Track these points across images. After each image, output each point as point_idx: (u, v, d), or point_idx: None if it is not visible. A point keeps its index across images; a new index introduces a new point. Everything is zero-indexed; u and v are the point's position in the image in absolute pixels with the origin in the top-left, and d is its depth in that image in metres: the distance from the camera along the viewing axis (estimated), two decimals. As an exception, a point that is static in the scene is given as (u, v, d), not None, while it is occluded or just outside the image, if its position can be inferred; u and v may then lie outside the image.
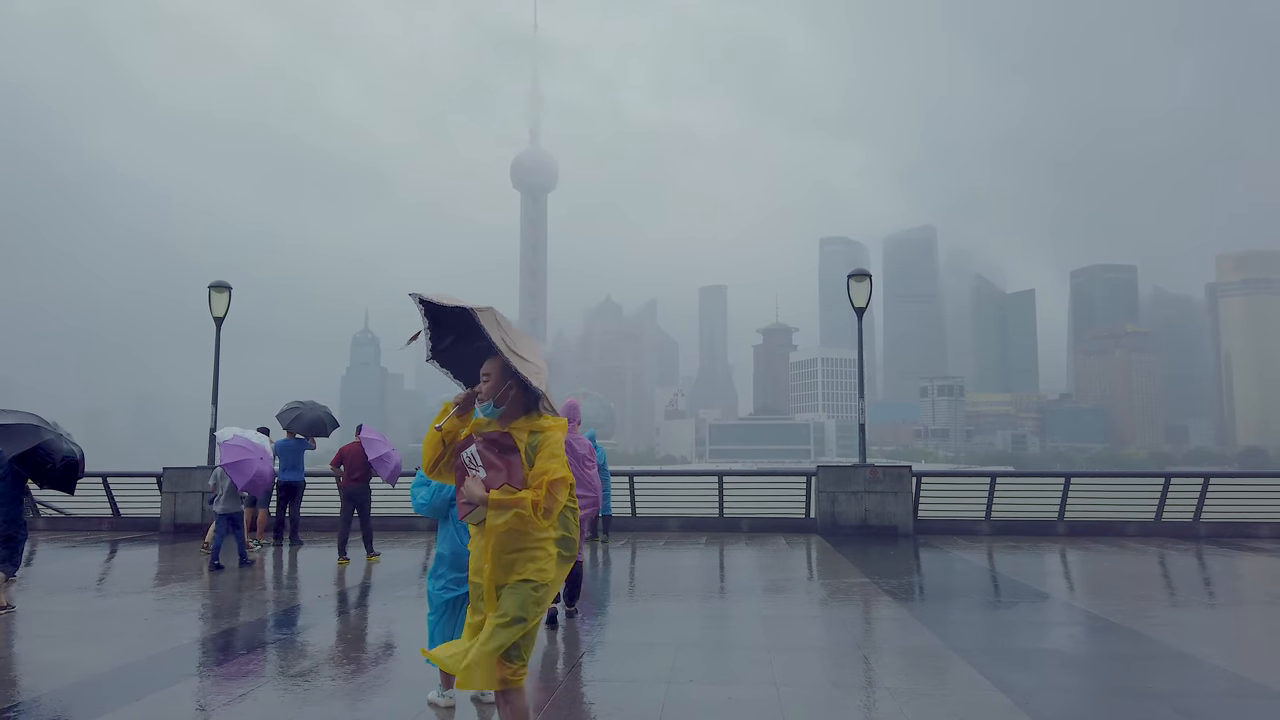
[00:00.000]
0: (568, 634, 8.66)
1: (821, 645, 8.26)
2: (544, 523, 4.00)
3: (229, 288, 20.44)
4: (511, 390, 4.15)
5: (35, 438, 9.45)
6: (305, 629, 9.15)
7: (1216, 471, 21.46)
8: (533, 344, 4.28)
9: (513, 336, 4.14)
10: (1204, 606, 10.51)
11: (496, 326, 4.08)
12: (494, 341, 4.03)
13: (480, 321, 4.06)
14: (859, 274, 18.76)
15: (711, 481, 19.61)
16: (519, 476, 3.97)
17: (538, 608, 4.09)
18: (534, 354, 4.19)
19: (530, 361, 4.10)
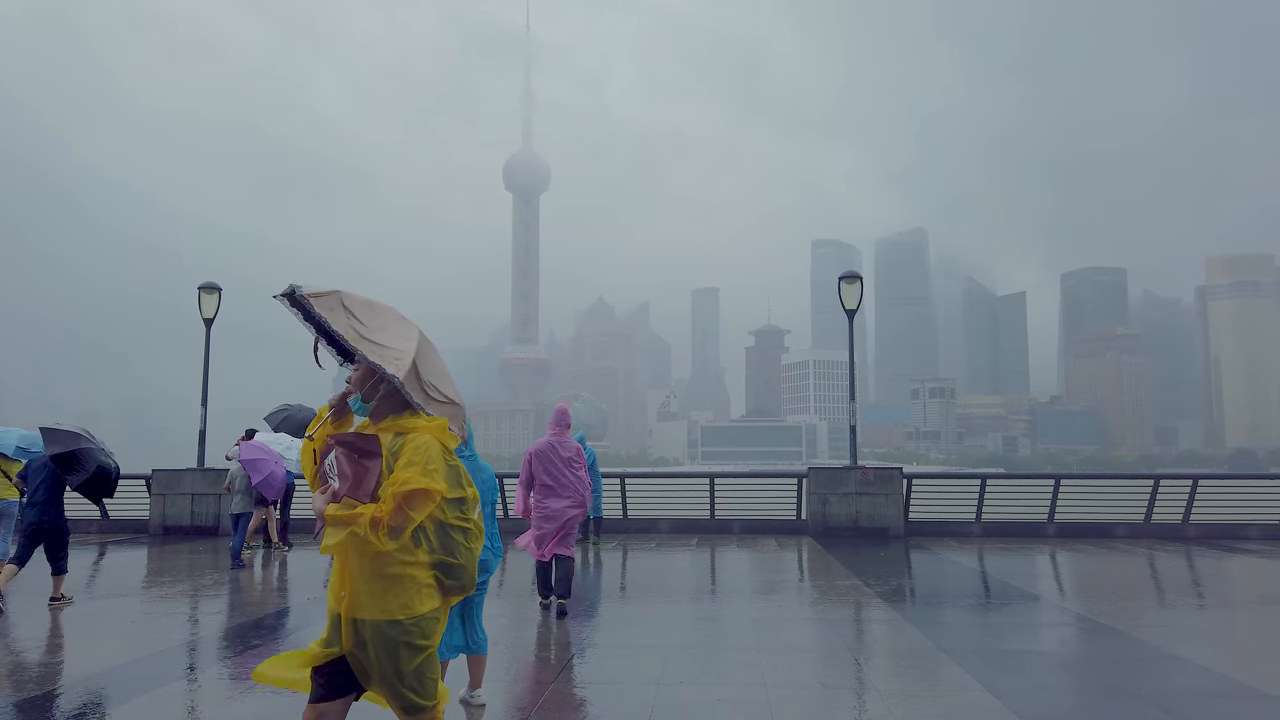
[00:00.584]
0: (557, 636, 8.64)
1: (812, 647, 8.26)
2: (387, 543, 3.25)
3: (218, 289, 20.36)
4: (381, 384, 3.51)
5: (74, 443, 10.12)
6: (295, 631, 9.11)
7: (1205, 473, 21.57)
8: (401, 326, 3.62)
9: (372, 319, 3.53)
10: (1193, 608, 10.55)
11: (342, 312, 3.48)
12: (336, 329, 3.43)
13: (318, 311, 3.46)
14: (850, 276, 18.79)
15: (703, 483, 19.62)
16: (369, 487, 3.33)
17: (414, 649, 3.41)
18: (397, 337, 3.53)
19: (386, 346, 3.45)
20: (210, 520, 19.20)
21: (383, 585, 3.37)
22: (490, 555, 5.95)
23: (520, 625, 9.11)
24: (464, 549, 3.49)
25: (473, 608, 5.95)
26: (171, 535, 18.99)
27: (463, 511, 3.49)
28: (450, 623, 5.83)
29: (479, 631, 5.96)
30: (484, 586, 6.01)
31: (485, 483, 6.04)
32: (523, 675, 7.08)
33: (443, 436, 3.45)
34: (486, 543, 5.93)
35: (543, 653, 7.95)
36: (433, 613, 3.49)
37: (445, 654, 5.80)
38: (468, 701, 6.00)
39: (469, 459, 6.01)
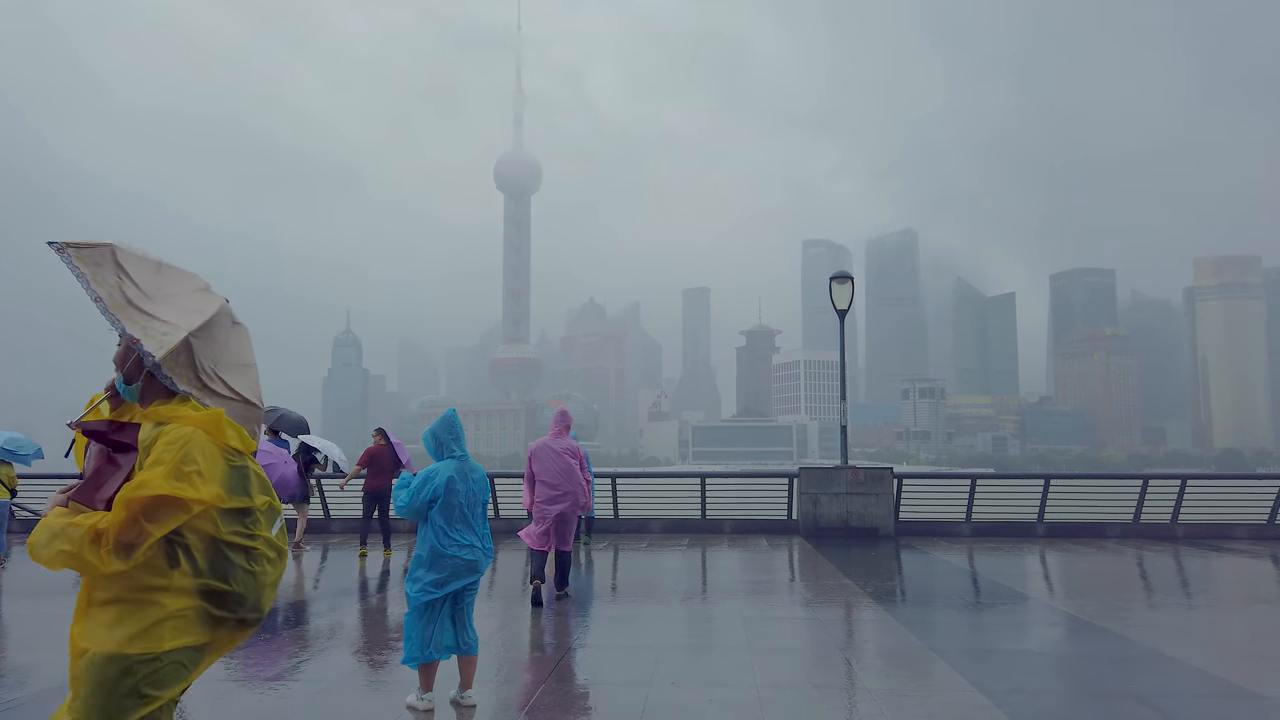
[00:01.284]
0: (549, 636, 8.63)
1: (803, 647, 8.27)
2: (111, 563, 2.53)
3: (208, 288, 20.22)
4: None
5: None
6: (281, 631, 9.06)
7: (1194, 473, 21.67)
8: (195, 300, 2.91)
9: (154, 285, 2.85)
10: (1182, 607, 10.60)
11: (112, 269, 2.77)
12: (98, 291, 2.71)
13: (79, 266, 2.73)
14: (841, 276, 18.83)
15: (694, 483, 19.62)
16: (111, 489, 2.67)
17: (132, 699, 2.58)
18: (179, 310, 2.82)
19: (154, 318, 2.75)
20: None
21: (115, 612, 2.62)
22: (480, 555, 5.92)
23: (512, 625, 9.09)
24: (243, 574, 2.69)
25: (464, 608, 5.93)
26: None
27: (245, 526, 2.71)
28: (440, 623, 5.81)
29: (470, 632, 5.95)
30: (474, 587, 5.99)
31: (476, 483, 6.02)
32: (514, 675, 7.06)
33: (216, 430, 2.68)
34: (477, 542, 5.91)
35: (534, 653, 7.94)
36: (182, 651, 2.65)
37: (435, 655, 5.79)
38: (458, 702, 5.98)
39: (460, 459, 5.99)
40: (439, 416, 6.14)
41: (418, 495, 5.79)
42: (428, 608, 5.75)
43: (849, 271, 19.20)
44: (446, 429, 6.03)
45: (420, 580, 5.77)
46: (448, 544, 5.78)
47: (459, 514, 5.86)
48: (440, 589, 5.74)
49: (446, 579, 5.75)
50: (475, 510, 5.96)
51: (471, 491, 5.94)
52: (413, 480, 5.90)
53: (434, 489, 5.80)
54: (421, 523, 5.90)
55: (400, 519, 17.67)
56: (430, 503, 5.80)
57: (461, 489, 5.88)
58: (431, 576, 5.75)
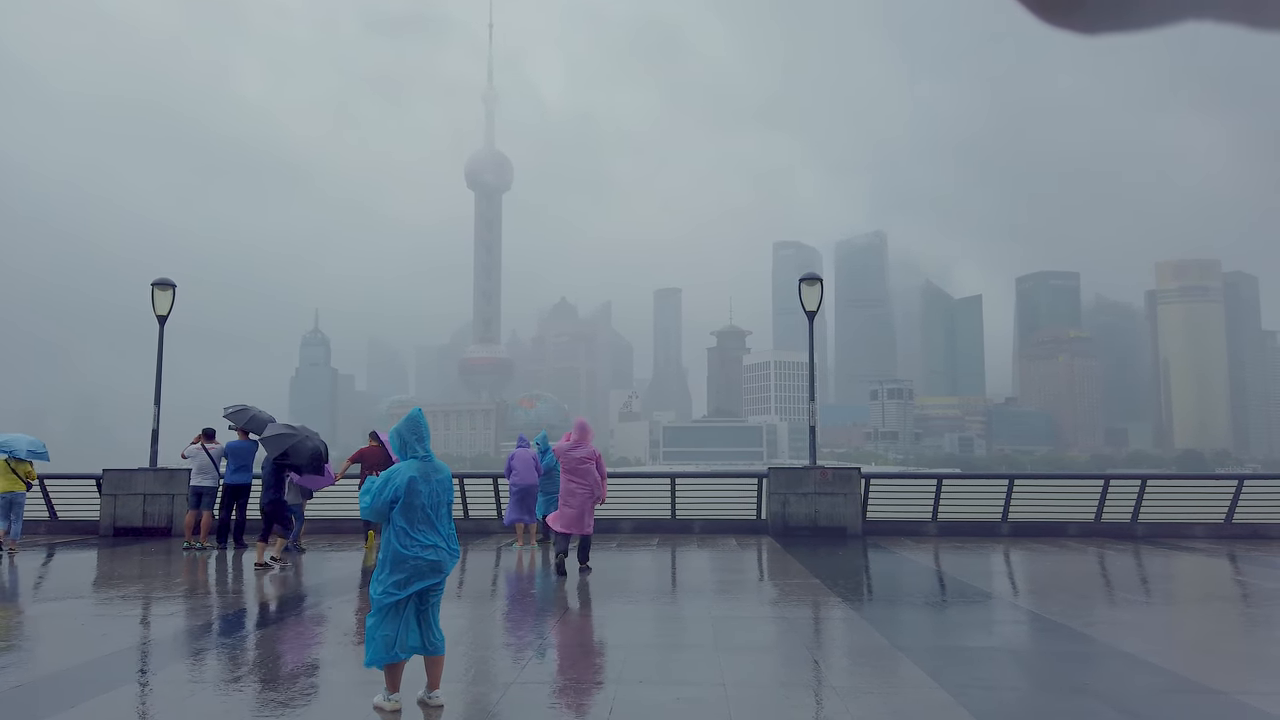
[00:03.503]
0: (519, 635, 8.62)
1: (770, 646, 8.33)
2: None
3: (172, 285, 19.95)
4: None
5: (289, 441, 13.17)
6: (253, 632, 8.97)
7: (1153, 473, 22.12)
8: None
9: None
10: (1141, 605, 10.81)
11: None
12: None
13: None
14: (810, 278, 18.97)
15: (664, 483, 19.66)
16: None
17: None
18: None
19: None
20: (163, 521, 18.79)
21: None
22: (445, 556, 5.90)
23: (482, 624, 9.07)
24: None
25: (429, 608, 5.90)
26: (123, 536, 18.56)
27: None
28: (406, 623, 5.78)
29: (435, 632, 5.92)
30: (440, 587, 5.96)
31: (440, 483, 5.99)
32: (483, 675, 7.05)
33: None
34: (441, 543, 5.89)
35: (504, 652, 7.92)
36: None
37: (401, 655, 5.76)
38: (425, 702, 5.96)
39: (424, 459, 5.96)
40: (405, 416, 6.11)
41: (379, 496, 5.76)
42: (392, 608, 5.72)
43: (818, 273, 19.34)
44: (411, 428, 5.99)
45: (383, 582, 5.73)
46: (410, 545, 5.75)
47: (421, 514, 5.83)
48: (403, 590, 5.71)
49: (409, 579, 5.72)
50: (439, 511, 5.93)
51: (435, 492, 5.91)
52: (374, 482, 5.86)
53: (395, 489, 5.77)
54: (384, 524, 5.86)
55: None
56: (391, 503, 5.77)
57: (424, 489, 5.85)
58: (394, 577, 5.72)
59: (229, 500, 15.96)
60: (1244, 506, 18.22)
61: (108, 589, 12.02)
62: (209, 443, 16.07)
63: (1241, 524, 18.08)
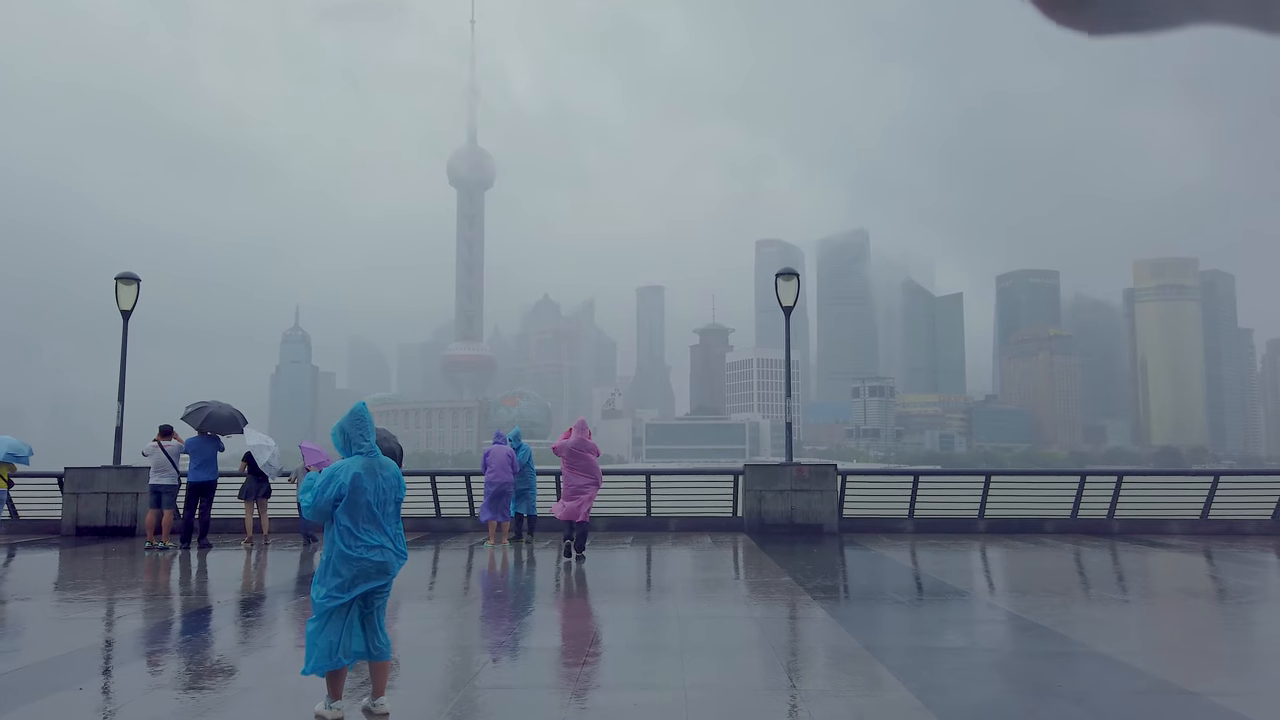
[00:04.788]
0: (476, 638, 8.35)
1: (738, 646, 8.09)
2: None
3: (137, 280, 19.49)
4: None
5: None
6: (203, 635, 8.65)
7: (1130, 470, 22.09)
8: None
9: None
10: (1117, 603, 10.67)
11: None
12: None
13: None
14: (786, 273, 18.78)
15: (639, 480, 19.42)
16: None
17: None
18: None
19: None
20: (127, 520, 18.36)
21: None
22: (391, 557, 5.61)
23: (439, 627, 8.78)
24: None
25: (374, 611, 5.61)
26: (85, 536, 18.12)
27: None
28: (350, 628, 5.50)
29: (381, 637, 5.63)
30: (385, 590, 5.67)
31: (387, 480, 5.69)
32: (433, 681, 6.77)
33: None
34: (387, 543, 5.60)
35: (457, 657, 7.64)
36: None
37: (344, 661, 5.48)
38: (370, 710, 5.67)
39: (368, 455, 5.67)
40: (348, 410, 5.82)
41: (321, 494, 5.45)
42: (334, 612, 5.43)
43: (795, 269, 19.16)
44: (355, 423, 5.70)
45: (326, 584, 5.43)
46: (354, 545, 5.46)
47: (366, 513, 5.53)
48: (346, 592, 5.42)
49: (353, 581, 5.43)
50: (386, 509, 5.64)
51: (381, 489, 5.61)
52: (316, 479, 5.57)
53: (338, 487, 5.47)
54: (327, 525, 5.56)
55: None
56: (335, 501, 5.47)
57: (369, 486, 5.55)
58: (337, 580, 5.42)
59: (192, 499, 15.56)
60: (1219, 502, 18.19)
61: (59, 591, 11.64)
62: (165, 440, 15.68)
63: (1217, 520, 18.05)
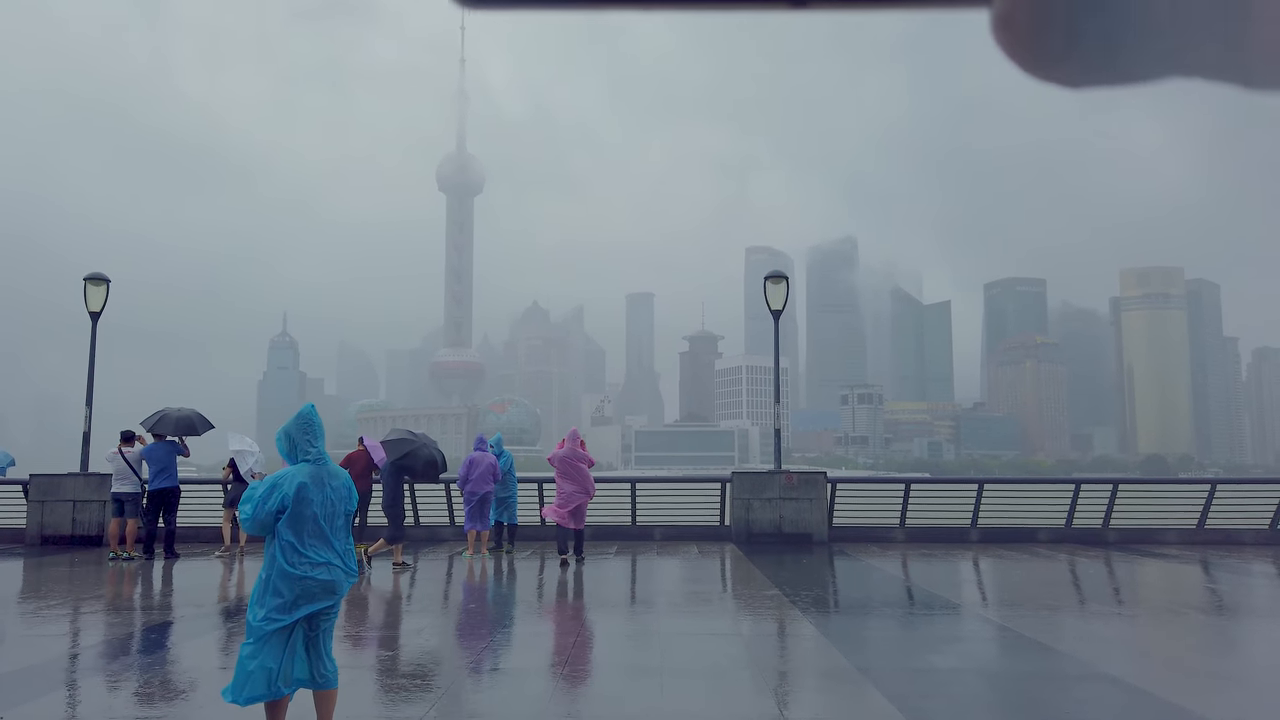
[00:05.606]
0: (443, 657, 7.84)
1: (723, 667, 7.61)
2: None
3: (106, 280, 18.92)
4: None
5: (407, 446, 13.41)
6: (155, 654, 8.12)
7: (1124, 478, 21.75)
8: None
9: None
10: (1116, 617, 10.25)
11: None
12: None
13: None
14: (775, 276, 18.37)
15: (624, 488, 18.94)
16: None
17: None
18: None
19: None
20: (94, 529, 17.74)
21: None
22: (340, 575, 5.10)
23: (401, 647, 8.28)
24: None
25: (320, 634, 5.09)
26: (51, 545, 17.51)
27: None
28: (292, 652, 4.99)
29: (327, 663, 5.12)
30: (332, 611, 5.15)
31: (336, 490, 5.17)
32: (386, 709, 6.27)
33: None
34: (335, 560, 5.09)
35: (418, 680, 7.12)
36: None
37: (285, 689, 4.97)
38: (313, 740, 5.17)
39: (316, 462, 5.17)
40: (295, 413, 5.32)
41: (261, 506, 4.95)
42: (275, 635, 4.92)
43: (783, 272, 18.76)
44: (302, 427, 5.20)
45: (266, 605, 4.92)
46: (298, 562, 4.95)
47: (313, 526, 5.02)
48: (288, 614, 4.91)
49: (296, 602, 4.92)
50: (334, 522, 5.13)
51: (329, 500, 5.11)
52: (258, 488, 5.06)
53: (281, 498, 4.96)
54: (268, 539, 5.05)
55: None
56: (277, 514, 4.96)
57: (316, 497, 5.04)
58: (278, 600, 4.92)
59: (153, 508, 14.95)
60: (1214, 511, 17.84)
61: (11, 605, 11.08)
62: (126, 447, 15.09)
63: (1214, 529, 17.69)
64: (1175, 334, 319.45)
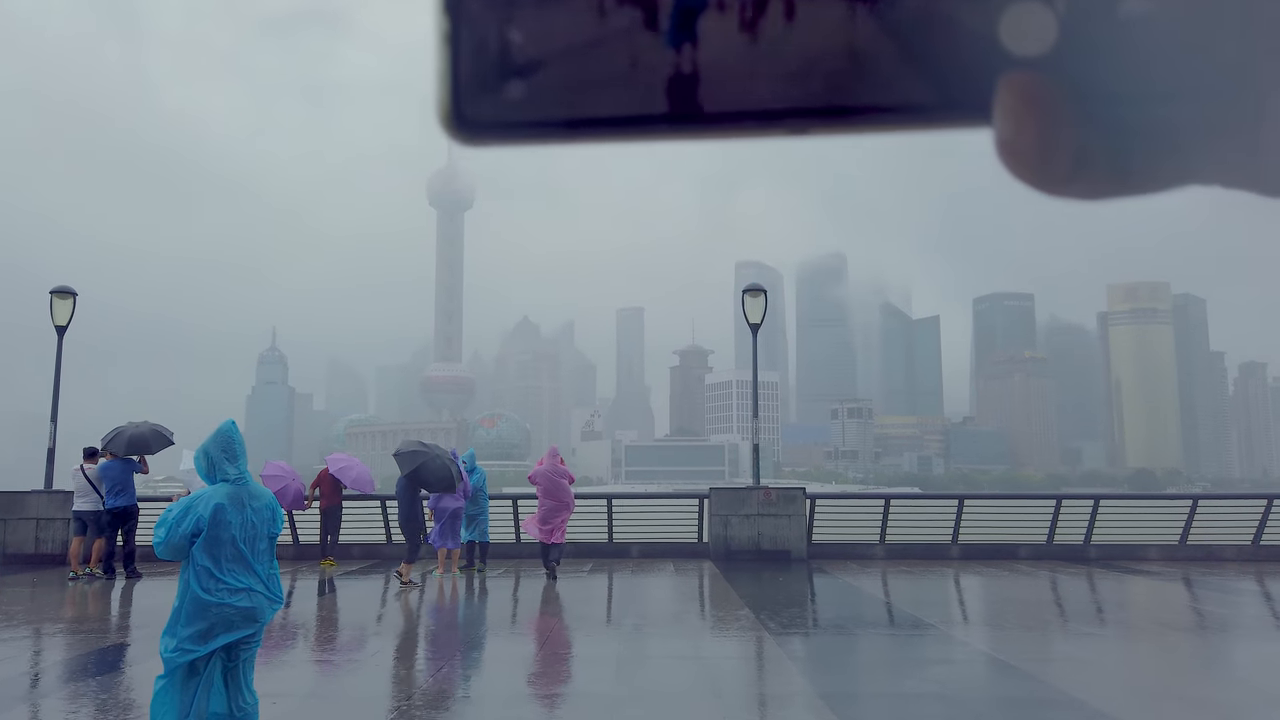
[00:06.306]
0: (384, 687, 7.54)
1: (677, 693, 7.34)
2: None
3: (73, 294, 18.61)
4: None
5: (419, 459, 13.29)
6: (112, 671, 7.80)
7: (1106, 493, 21.60)
8: None
9: None
10: (1093, 638, 10.03)
11: None
12: None
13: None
14: (753, 289, 18.20)
15: (601, 504, 18.65)
16: None
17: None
18: None
19: None
20: (58, 547, 17.34)
21: None
22: (262, 601, 4.82)
23: (347, 673, 7.98)
24: None
25: (239, 665, 4.80)
26: (13, 565, 17.10)
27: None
28: (208, 685, 4.70)
29: (246, 696, 4.83)
30: (255, 640, 4.88)
31: (258, 512, 4.90)
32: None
33: None
34: (257, 586, 4.81)
35: (357, 710, 6.82)
36: None
37: (198, 726, 4.68)
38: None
39: (236, 482, 4.90)
40: (215, 429, 5.05)
41: (175, 529, 4.67)
42: (188, 669, 4.64)
43: (764, 286, 18.60)
44: (221, 445, 4.93)
45: (177, 635, 4.64)
46: (214, 588, 4.67)
47: (231, 550, 4.75)
48: (204, 644, 4.63)
49: (210, 631, 4.65)
50: (256, 546, 4.85)
51: (250, 523, 4.84)
52: (172, 511, 4.79)
53: (196, 520, 4.69)
54: (184, 563, 4.77)
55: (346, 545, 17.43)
56: (192, 537, 4.69)
57: (235, 519, 4.77)
58: (192, 629, 4.64)
59: (113, 525, 14.60)
60: (1197, 527, 17.66)
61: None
62: (89, 463, 14.75)
63: (1196, 545, 17.50)
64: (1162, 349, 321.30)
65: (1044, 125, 0.41)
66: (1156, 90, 0.41)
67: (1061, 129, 0.42)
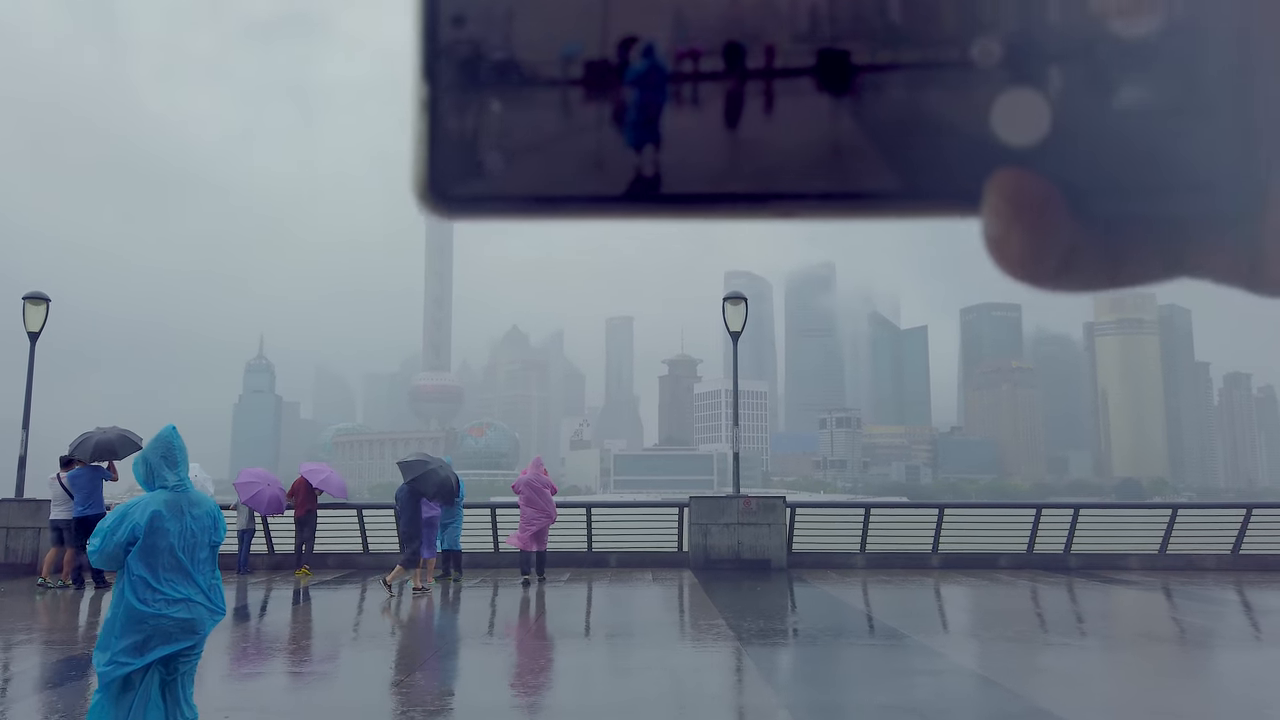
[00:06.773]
0: (339, 699, 7.38)
1: (639, 704, 7.21)
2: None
3: (46, 300, 18.39)
4: None
5: (420, 469, 13.37)
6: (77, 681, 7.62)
7: (1086, 503, 21.57)
8: None
9: None
10: (1071, 649, 9.94)
11: None
12: None
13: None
14: (734, 297, 18.13)
15: (580, 514, 18.50)
16: None
17: None
18: None
19: None
20: (27, 557, 17.08)
21: None
22: (202, 612, 4.67)
23: (303, 687, 7.82)
24: None
25: (178, 679, 4.64)
26: (-16, 575, 16.82)
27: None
28: (144, 699, 4.54)
29: (185, 710, 4.68)
30: (195, 652, 4.72)
31: (198, 519, 4.75)
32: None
33: None
34: (197, 596, 4.66)
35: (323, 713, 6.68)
36: None
37: (133, 742, 4.53)
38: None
39: (176, 489, 4.76)
40: (155, 435, 4.91)
41: (110, 537, 4.52)
42: (123, 683, 4.48)
43: (742, 294, 18.53)
44: (161, 450, 4.79)
45: (111, 647, 4.47)
46: (151, 599, 4.51)
47: (169, 560, 4.60)
48: (139, 656, 4.47)
49: (146, 643, 4.49)
50: (196, 555, 4.70)
51: (189, 531, 4.69)
52: (108, 520, 4.64)
53: (131, 528, 4.54)
54: (119, 573, 4.62)
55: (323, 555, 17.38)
56: (127, 545, 4.54)
57: (173, 528, 4.62)
58: (126, 641, 4.48)
59: (82, 534, 14.35)
60: (1178, 536, 17.65)
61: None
62: (65, 471, 14.54)
63: (1175, 555, 17.48)
64: (1148, 359, 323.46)
65: (1033, 228, 0.41)
66: (1152, 183, 0.40)
67: (1051, 232, 0.41)
